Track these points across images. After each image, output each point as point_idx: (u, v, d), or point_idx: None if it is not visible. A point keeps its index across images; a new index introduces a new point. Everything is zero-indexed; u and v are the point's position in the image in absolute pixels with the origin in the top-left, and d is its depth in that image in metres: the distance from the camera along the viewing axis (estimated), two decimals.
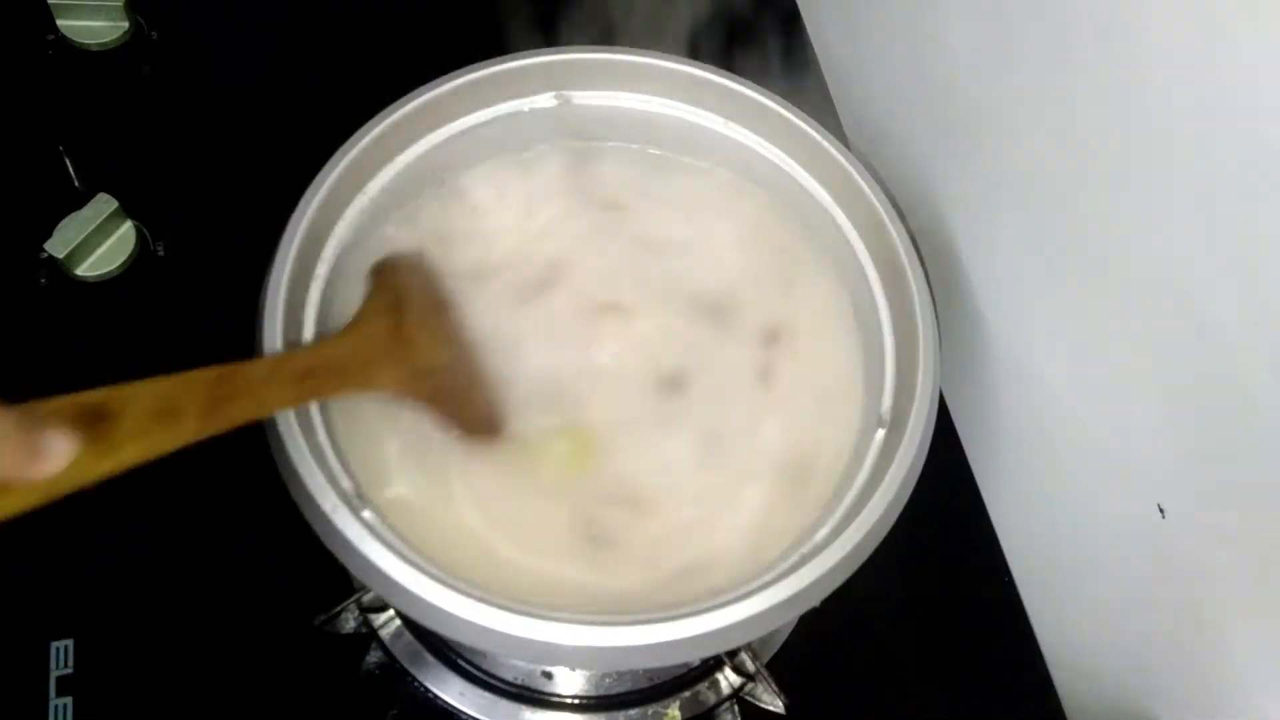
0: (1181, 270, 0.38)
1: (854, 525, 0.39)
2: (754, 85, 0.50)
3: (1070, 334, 0.46)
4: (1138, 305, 0.41)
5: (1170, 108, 0.37)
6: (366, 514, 0.38)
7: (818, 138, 0.49)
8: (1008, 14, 0.46)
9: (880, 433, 0.44)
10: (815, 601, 0.39)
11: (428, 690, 0.49)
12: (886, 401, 0.45)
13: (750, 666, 0.50)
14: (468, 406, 0.45)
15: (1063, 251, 0.45)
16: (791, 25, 0.69)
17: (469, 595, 0.36)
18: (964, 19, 0.50)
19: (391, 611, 0.50)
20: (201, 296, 0.57)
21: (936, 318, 0.45)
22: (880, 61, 0.61)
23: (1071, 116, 0.42)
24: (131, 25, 0.65)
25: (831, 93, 0.66)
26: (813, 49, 0.68)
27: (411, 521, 0.41)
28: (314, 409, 0.41)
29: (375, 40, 0.63)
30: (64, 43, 0.65)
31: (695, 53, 0.51)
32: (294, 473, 0.39)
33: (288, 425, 0.39)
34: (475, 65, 0.49)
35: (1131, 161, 0.39)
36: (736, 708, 0.50)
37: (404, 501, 0.43)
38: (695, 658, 0.49)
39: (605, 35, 0.54)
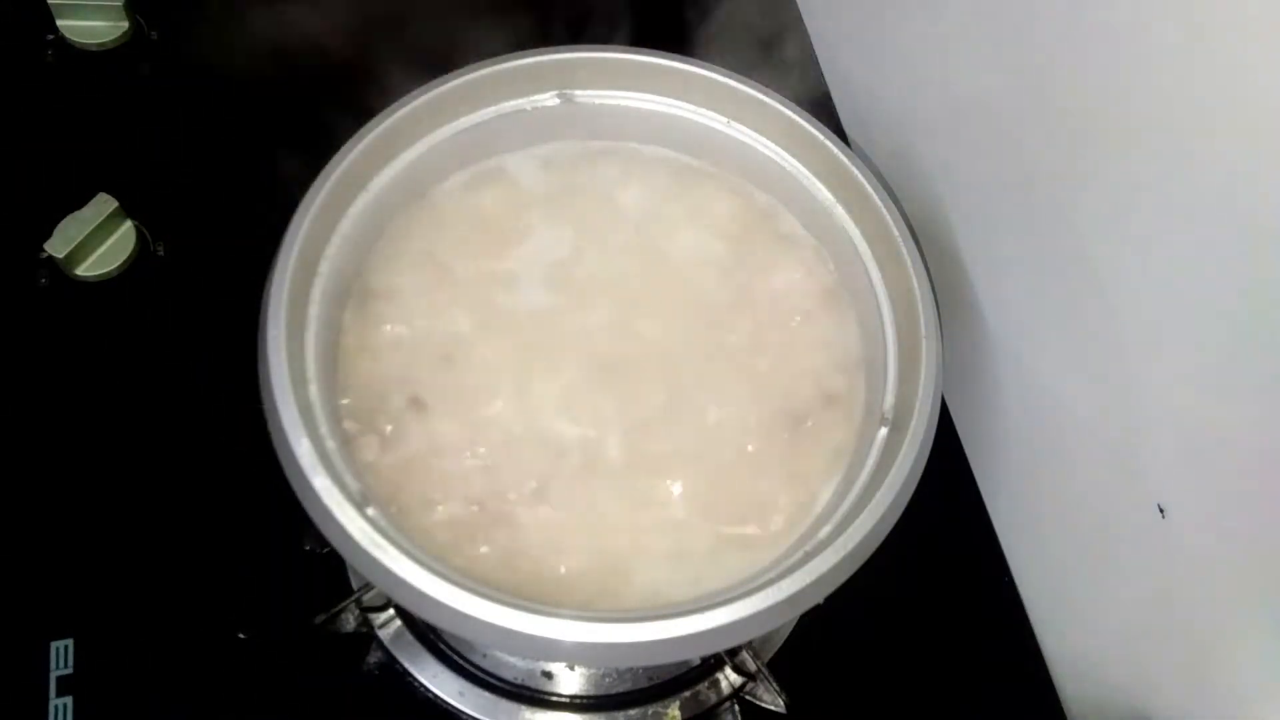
0: (1182, 270, 0.38)
1: (855, 524, 0.39)
2: (755, 84, 0.50)
3: (1071, 333, 0.46)
4: (1138, 305, 0.41)
5: (1173, 107, 0.37)
6: (371, 511, 0.38)
7: (819, 136, 0.49)
8: (1007, 10, 0.46)
9: (882, 431, 0.44)
10: (816, 601, 0.39)
11: (428, 690, 0.49)
12: (889, 400, 0.45)
13: (751, 666, 0.50)
14: None
15: (1064, 250, 0.45)
16: (791, 23, 0.69)
17: (473, 591, 0.36)
18: (964, 16, 0.50)
19: (392, 611, 0.50)
20: (201, 296, 0.57)
21: (939, 316, 0.45)
22: (880, 60, 0.61)
23: (1075, 115, 0.42)
24: (131, 25, 0.65)
25: (831, 91, 0.66)
26: (812, 47, 0.68)
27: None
28: (316, 410, 0.41)
29: (376, 39, 0.63)
30: (64, 43, 0.65)
31: (696, 51, 0.52)
32: (298, 471, 0.38)
33: (293, 423, 0.39)
34: (478, 64, 0.49)
35: (1134, 160, 0.39)
36: (737, 707, 0.50)
37: None
38: (696, 655, 0.49)
39: (607, 33, 0.54)
